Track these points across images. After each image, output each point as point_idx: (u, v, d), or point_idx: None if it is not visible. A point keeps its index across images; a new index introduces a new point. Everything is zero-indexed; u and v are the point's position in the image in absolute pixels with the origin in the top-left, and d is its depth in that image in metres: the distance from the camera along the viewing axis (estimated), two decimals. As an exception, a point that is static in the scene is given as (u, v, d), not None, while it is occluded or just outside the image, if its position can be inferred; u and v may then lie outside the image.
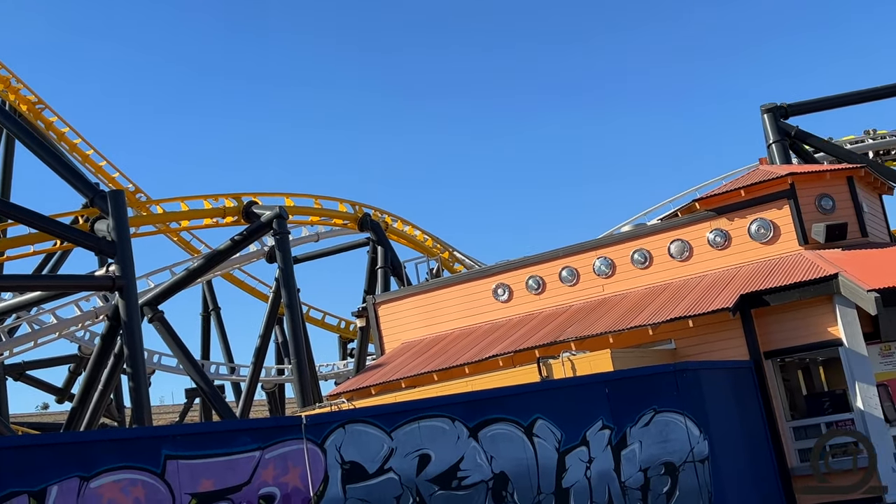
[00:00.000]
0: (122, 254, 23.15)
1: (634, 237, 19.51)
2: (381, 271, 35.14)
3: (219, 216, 30.88)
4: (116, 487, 8.79)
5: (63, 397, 39.31)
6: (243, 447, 9.87)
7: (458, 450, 11.38)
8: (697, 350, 16.23)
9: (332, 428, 10.67)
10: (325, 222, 36.17)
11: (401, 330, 22.18)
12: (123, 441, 9.08)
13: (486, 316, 20.86)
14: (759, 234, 18.07)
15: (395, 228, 39.56)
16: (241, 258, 34.63)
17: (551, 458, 11.92)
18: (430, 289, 22.24)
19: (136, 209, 32.77)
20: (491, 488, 11.41)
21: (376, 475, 10.78)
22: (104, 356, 25.99)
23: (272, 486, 10.02)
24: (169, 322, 28.37)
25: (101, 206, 24.14)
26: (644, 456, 12.57)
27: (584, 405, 12.43)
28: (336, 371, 47.67)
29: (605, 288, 19.51)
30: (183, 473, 9.27)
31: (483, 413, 11.67)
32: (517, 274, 20.61)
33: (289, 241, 29.43)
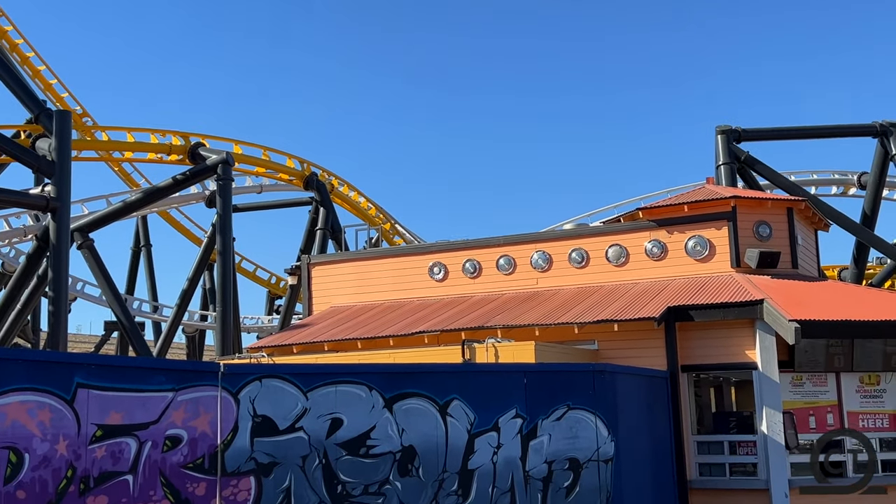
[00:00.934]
0: (60, 175, 22.69)
1: (575, 236, 19.77)
2: (319, 233, 35.02)
3: (164, 152, 30.42)
4: (23, 408, 8.68)
5: (-23, 311, 38.42)
6: (157, 386, 9.82)
7: (371, 418, 11.47)
8: (618, 354, 16.53)
9: (248, 380, 10.67)
10: (271, 175, 35.87)
11: (332, 294, 22.15)
12: (37, 363, 8.96)
13: (419, 292, 20.95)
14: (694, 250, 18.45)
15: (340, 192, 39.39)
16: (180, 198, 34.19)
17: (461, 438, 12.08)
18: (367, 257, 22.26)
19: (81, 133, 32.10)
20: (398, 460, 11.54)
21: (286, 432, 10.82)
22: (27, 276, 25.52)
23: (180, 428, 9.99)
24: (98, 251, 27.92)
25: (45, 124, 23.62)
26: (551, 449, 12.81)
27: (501, 392, 12.60)
28: (260, 325, 47.45)
29: (540, 281, 19.74)
30: (93, 403, 9.19)
31: (401, 386, 11.77)
32: (455, 255, 20.73)
33: (231, 189, 29.12)
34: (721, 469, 16.34)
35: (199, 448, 10.12)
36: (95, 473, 9.20)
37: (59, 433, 8.93)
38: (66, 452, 8.97)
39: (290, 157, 36.09)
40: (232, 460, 10.35)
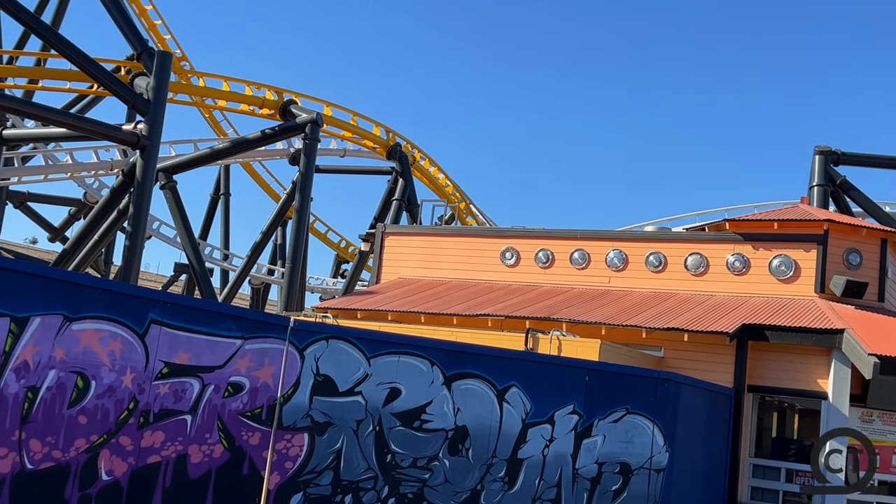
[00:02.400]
0: (154, 114, 23.08)
1: (655, 239, 19.41)
2: (395, 203, 35.08)
3: (256, 105, 30.72)
4: (96, 336, 8.82)
5: (56, 237, 39.50)
6: (227, 332, 9.90)
7: (429, 393, 11.44)
8: (684, 364, 16.22)
9: (316, 338, 10.71)
10: (356, 141, 35.99)
11: (401, 265, 22.18)
12: (115, 294, 9.06)
13: (488, 275, 20.84)
14: (779, 269, 17.96)
15: (421, 166, 39.38)
16: (266, 152, 34.58)
17: (515, 426, 11.99)
18: (441, 233, 22.21)
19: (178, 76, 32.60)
20: (449, 438, 11.50)
21: (345, 395, 10.85)
22: (108, 209, 26.07)
23: (244, 376, 10.07)
24: (179, 193, 28.40)
25: (146, 62, 24.03)
26: (604, 450, 12.63)
27: (561, 386, 12.46)
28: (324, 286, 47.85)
29: (612, 280, 19.46)
30: (163, 340, 9.30)
31: (462, 365, 11.71)
32: (529, 243, 20.55)
33: (316, 149, 29.32)
34: (774, 496, 15.95)
35: (259, 398, 10.20)
36: (156, 409, 9.33)
37: (127, 365, 9.06)
38: (130, 385, 9.10)
39: (377, 124, 36.16)
40: (289, 415, 10.41)
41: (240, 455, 10.07)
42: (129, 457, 9.15)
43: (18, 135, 27.43)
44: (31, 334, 8.29)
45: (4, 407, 8.15)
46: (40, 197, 38.64)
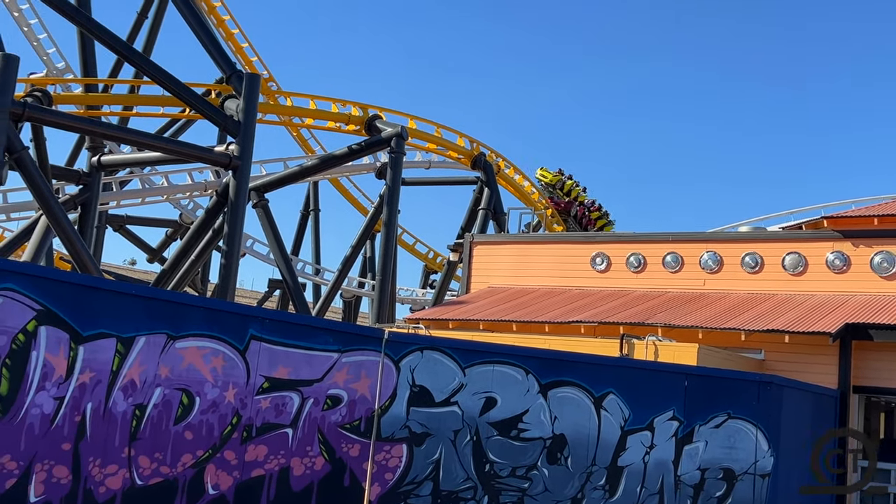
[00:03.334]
0: (244, 135, 23.63)
1: (751, 240, 18.96)
2: (482, 213, 35.07)
3: (343, 122, 31.17)
4: (199, 353, 9.05)
5: (154, 258, 40.70)
6: (324, 346, 10.05)
7: (525, 402, 11.40)
8: (785, 367, 15.79)
9: (410, 349, 10.79)
10: (441, 152, 36.15)
11: (490, 274, 22.18)
12: (216, 311, 9.30)
13: (579, 281, 20.67)
14: (881, 266, 17.34)
15: (506, 174, 39.31)
16: (353, 167, 35.02)
17: (614, 434, 11.84)
18: (530, 241, 22.15)
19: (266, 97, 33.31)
20: (548, 447, 11.43)
21: (442, 405, 10.89)
22: (204, 229, 26.74)
23: (342, 389, 10.20)
24: (271, 211, 28.98)
25: (235, 85, 24.62)
26: (706, 456, 12.37)
27: (659, 392, 12.25)
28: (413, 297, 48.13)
29: (707, 283, 19.08)
30: (263, 356, 9.50)
31: (558, 373, 11.63)
32: (620, 247, 20.31)
33: (402, 162, 29.57)
34: (885, 500, 15.38)
35: (357, 410, 10.32)
36: (258, 423, 9.52)
37: (230, 381, 9.27)
38: (233, 400, 9.31)
39: (461, 135, 36.28)
40: (387, 426, 10.50)
41: (340, 467, 10.21)
42: (234, 471, 9.35)
43: (115, 160, 28.40)
44: (136, 354, 8.56)
45: (114, 425, 8.43)
46: (138, 219, 39.91)
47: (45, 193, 22.21)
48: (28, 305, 7.75)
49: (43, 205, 22.65)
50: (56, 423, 8.01)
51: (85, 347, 8.18)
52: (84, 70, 28.83)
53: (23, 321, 7.73)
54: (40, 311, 7.83)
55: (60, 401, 8.03)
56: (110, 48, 25.49)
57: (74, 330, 8.07)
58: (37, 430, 7.89)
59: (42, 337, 7.87)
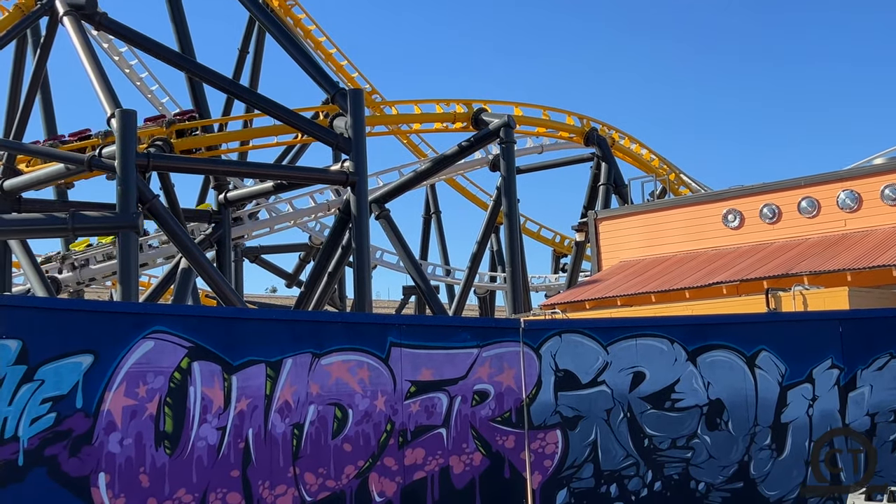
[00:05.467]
0: (356, 151, 24.04)
1: (887, 171, 18.08)
2: (603, 188, 34.59)
3: (448, 121, 31.32)
4: (344, 367, 9.29)
5: (292, 282, 41.90)
6: (462, 343, 10.14)
7: (674, 371, 11.17)
8: (946, 297, 14.99)
9: (548, 335, 10.75)
10: (551, 134, 35.87)
11: (620, 248, 21.88)
12: (354, 325, 9.54)
13: (712, 242, 20.15)
14: None
15: (621, 145, 38.65)
16: (466, 164, 35.16)
17: (772, 391, 11.47)
18: (655, 209, 21.74)
19: (372, 109, 33.83)
20: (705, 414, 11.18)
21: (589, 386, 10.80)
22: (333, 247, 27.34)
23: (487, 383, 10.26)
24: (393, 220, 29.39)
25: (340, 103, 25.07)
26: (873, 401, 11.84)
27: (814, 342, 11.80)
28: (547, 284, 47.93)
29: (848, 223, 18.29)
30: (405, 361, 9.66)
31: (704, 338, 11.35)
32: (751, 200, 19.69)
33: (514, 151, 29.47)
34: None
35: (506, 402, 10.36)
36: (412, 427, 9.68)
37: (378, 389, 9.47)
38: (384, 408, 9.51)
39: (569, 114, 35.89)
40: (537, 414, 10.49)
41: (498, 460, 10.27)
42: (396, 476, 9.54)
43: (241, 195, 29.39)
44: (286, 375, 8.85)
45: (276, 446, 8.73)
46: (271, 248, 41.17)
47: (180, 236, 23.17)
48: (178, 344, 8.12)
49: (180, 247, 23.64)
50: (222, 452, 8.35)
51: (237, 376, 8.51)
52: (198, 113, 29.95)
53: (176, 360, 8.11)
54: (190, 348, 8.20)
55: (223, 430, 8.38)
56: (218, 87, 26.43)
57: (225, 361, 8.42)
58: (205, 462, 8.25)
59: (196, 372, 8.24)
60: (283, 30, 28.49)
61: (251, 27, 34.24)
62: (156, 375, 8.00)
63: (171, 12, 29.66)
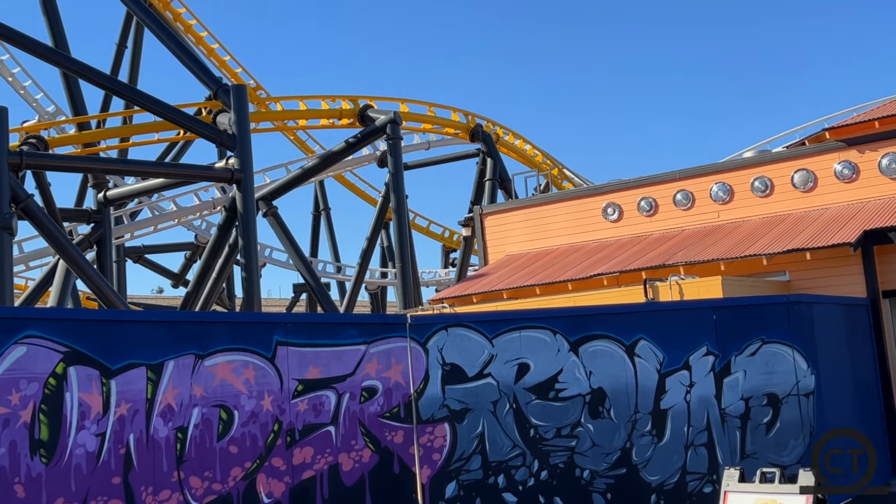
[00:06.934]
0: (241, 147, 23.67)
1: (756, 164, 18.88)
2: (489, 183, 35.00)
3: (335, 117, 31.16)
4: (229, 367, 9.18)
5: (178, 282, 40.95)
6: (350, 340, 10.16)
7: (557, 362, 11.46)
8: (812, 284, 15.75)
9: (435, 329, 10.88)
10: (437, 131, 36.10)
11: (505, 242, 22.20)
12: (239, 324, 9.43)
13: (594, 234, 20.66)
14: (889, 168, 17.23)
15: (506, 141, 39.20)
16: (354, 161, 35.02)
17: (651, 378, 11.89)
18: (538, 203, 22.12)
19: (257, 105, 33.32)
20: (588, 402, 11.50)
21: (475, 378, 10.99)
22: (219, 246, 26.85)
23: (375, 379, 10.31)
24: (282, 217, 29.06)
25: (223, 99, 24.64)
26: (747, 385, 12.40)
27: (690, 330, 12.28)
28: (437, 278, 48.25)
29: (721, 214, 19.02)
30: (292, 360, 9.61)
31: (585, 329, 11.68)
32: (629, 194, 20.27)
33: (401, 147, 29.53)
34: (890, 500, 15.34)
35: (394, 398, 10.44)
36: (300, 426, 9.65)
37: (264, 389, 9.40)
38: (271, 408, 9.44)
39: (454, 110, 36.18)
40: (426, 408, 10.61)
41: (388, 455, 10.33)
42: (285, 476, 9.49)
43: (121, 193, 28.51)
44: (168, 378, 8.69)
45: (159, 451, 8.56)
46: (155, 247, 40.14)
47: (57, 237, 22.38)
48: (52, 349, 7.88)
49: (57, 248, 22.83)
50: (102, 458, 8.15)
51: (116, 381, 8.31)
52: (74, 110, 28.93)
53: (50, 365, 7.87)
54: (66, 353, 7.96)
55: (102, 436, 8.17)
56: (95, 84, 25.59)
57: (103, 365, 8.21)
58: (84, 469, 8.03)
59: (72, 377, 8.00)
60: (163, 24, 27.78)
61: (129, 21, 33.26)
62: (29, 382, 7.74)
63: (44, 5, 28.55)
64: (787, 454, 12.48)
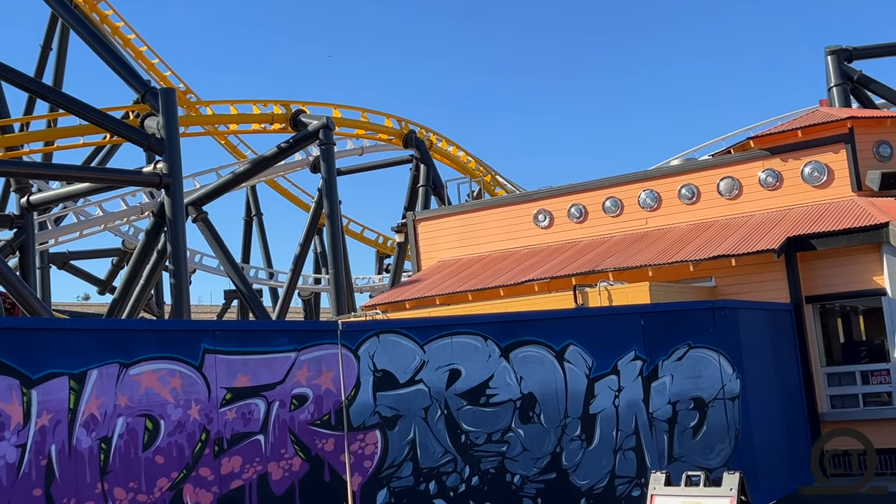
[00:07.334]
0: (170, 152, 23.31)
1: (683, 171, 19.24)
2: (422, 189, 35.07)
3: (266, 122, 30.89)
4: (154, 376, 9.01)
5: (105, 289, 40.12)
6: (280, 347, 10.06)
7: (488, 368, 11.51)
8: (738, 290, 16.11)
9: (366, 336, 10.84)
10: (371, 136, 36.05)
11: (439, 248, 22.25)
12: (165, 332, 9.25)
13: (525, 241, 20.82)
14: (812, 177, 17.73)
15: (440, 148, 39.32)
16: (286, 166, 34.74)
17: (581, 383, 12.01)
18: (471, 209, 22.22)
19: (186, 109, 32.87)
20: (518, 407, 11.57)
21: (407, 385, 10.97)
22: (147, 252, 26.39)
23: (305, 387, 10.22)
24: (212, 223, 28.67)
25: (151, 102, 24.23)
26: (674, 389, 12.61)
27: (619, 335, 12.44)
28: (371, 284, 48.12)
29: (649, 221, 19.34)
30: (220, 368, 9.48)
31: (516, 334, 11.75)
32: (560, 201, 20.48)
33: (334, 153, 29.40)
34: (854, 400, 15.80)
35: (325, 405, 10.36)
36: (228, 435, 9.51)
37: (191, 398, 9.24)
38: (198, 417, 9.29)
39: (387, 116, 36.17)
40: (357, 415, 10.55)
41: (318, 463, 10.25)
42: (213, 486, 9.34)
43: (45, 198, 27.85)
44: (91, 388, 8.49)
45: (82, 462, 8.36)
46: (81, 254, 39.25)
47: (-23, 243, 21.75)
48: (-31, 359, 7.64)
49: (-23, 255, 22.18)
50: (23, 470, 7.93)
51: (37, 390, 8.10)
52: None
53: (-33, 375, 7.62)
54: (-16, 363, 7.72)
55: (23, 448, 7.95)
56: (18, 86, 24.92)
57: (23, 374, 7.99)
58: (4, 482, 7.80)
59: (-10, 388, 7.77)
60: (88, 26, 27.21)
61: (54, 23, 32.51)
62: (-56, 393, 7.49)
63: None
64: (713, 457, 12.73)
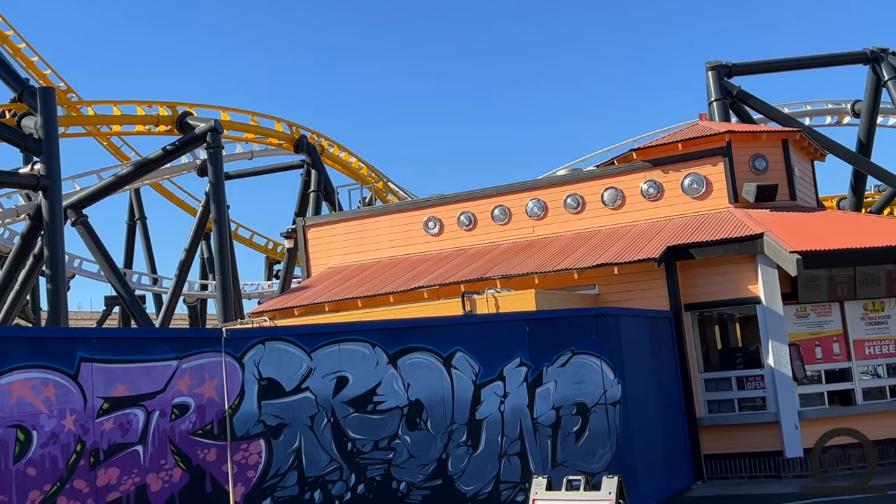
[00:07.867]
0: (48, 153, 22.47)
1: (569, 182, 19.66)
2: (313, 195, 34.82)
3: (152, 124, 30.13)
4: (27, 385, 8.66)
5: (-23, 295, 38.33)
6: (161, 355, 9.80)
7: (376, 375, 11.48)
8: (620, 297, 16.52)
9: (251, 343, 10.67)
10: (261, 140, 35.60)
11: (329, 254, 22.09)
12: (38, 340, 8.91)
13: (415, 248, 20.88)
14: (691, 188, 18.35)
15: (331, 153, 39.12)
16: (172, 169, 33.96)
17: (467, 389, 12.11)
18: (362, 216, 22.16)
19: (67, 109, 31.75)
20: (406, 414, 11.57)
21: (293, 393, 10.84)
22: (23, 256, 25.40)
23: (187, 396, 9.99)
24: (93, 227, 27.77)
25: (29, 102, 23.33)
26: (558, 395, 12.83)
27: (504, 341, 12.60)
28: (260, 291, 47.42)
29: (536, 230, 19.67)
30: (97, 377, 9.17)
31: (404, 341, 11.76)
32: (450, 209, 20.63)
33: (222, 156, 28.86)
34: (730, 405, 16.40)
35: (208, 414, 10.14)
36: (105, 446, 9.22)
37: (66, 408, 8.92)
38: (73, 427, 8.97)
39: (278, 121, 35.79)
40: (241, 424, 10.37)
41: (199, 474, 10.01)
42: (88, 498, 9.03)
43: (-87, 199, 26.51)
44: (-43, 398, 8.10)
45: (-54, 476, 7.97)
46: (-49, 258, 37.45)
47: None
48: None
49: None
50: None
51: None
52: None
53: None
54: None
55: None
56: None
57: None
58: None
59: None
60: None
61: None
62: None
63: None
64: (595, 462, 13.02)
